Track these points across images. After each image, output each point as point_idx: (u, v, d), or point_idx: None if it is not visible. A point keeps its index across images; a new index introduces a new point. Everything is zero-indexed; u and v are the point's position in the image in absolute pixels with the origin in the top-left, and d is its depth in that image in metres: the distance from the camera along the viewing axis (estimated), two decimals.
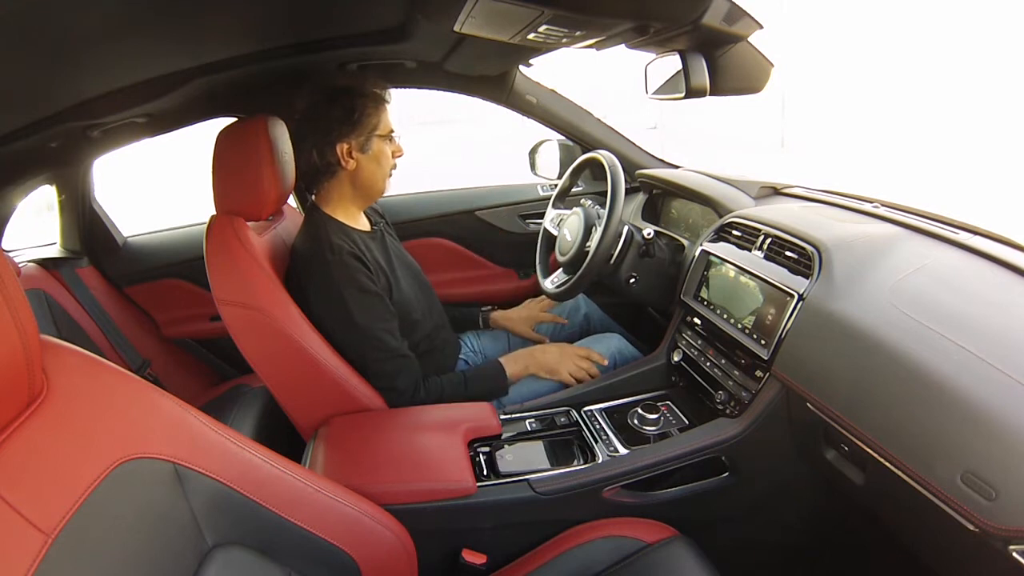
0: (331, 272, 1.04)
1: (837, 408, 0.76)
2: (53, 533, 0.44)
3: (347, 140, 1.11)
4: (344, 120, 1.11)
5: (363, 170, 1.15)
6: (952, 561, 0.70)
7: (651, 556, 0.83)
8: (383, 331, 1.07)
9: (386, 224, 1.33)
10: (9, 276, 0.45)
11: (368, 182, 1.16)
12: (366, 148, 1.13)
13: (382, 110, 1.14)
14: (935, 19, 6.77)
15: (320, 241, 1.07)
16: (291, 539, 0.65)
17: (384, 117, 1.15)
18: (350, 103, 1.11)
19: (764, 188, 1.29)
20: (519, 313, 1.45)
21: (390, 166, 1.18)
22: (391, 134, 1.16)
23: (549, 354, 1.21)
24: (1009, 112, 6.09)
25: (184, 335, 1.78)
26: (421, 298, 1.24)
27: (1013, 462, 0.56)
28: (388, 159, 1.17)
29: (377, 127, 1.13)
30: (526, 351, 1.24)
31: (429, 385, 1.12)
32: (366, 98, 1.12)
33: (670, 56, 0.93)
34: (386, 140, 1.15)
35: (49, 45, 0.70)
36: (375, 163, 1.15)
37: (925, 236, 0.91)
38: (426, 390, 1.11)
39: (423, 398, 1.09)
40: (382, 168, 1.16)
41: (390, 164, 1.17)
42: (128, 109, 1.19)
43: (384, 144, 1.15)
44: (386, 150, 1.16)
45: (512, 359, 1.21)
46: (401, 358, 1.09)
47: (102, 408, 0.54)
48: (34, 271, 1.55)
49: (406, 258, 1.30)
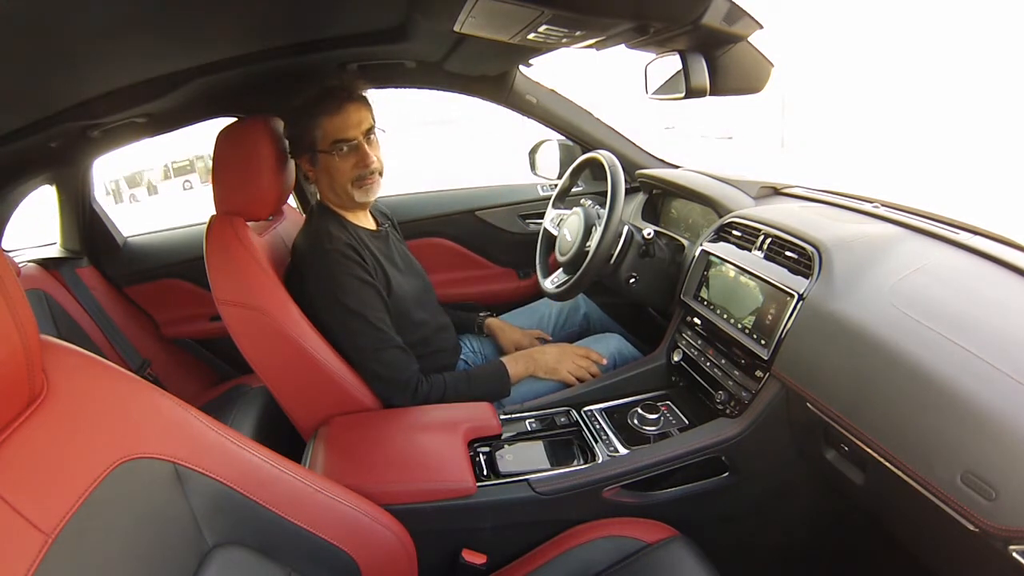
0: (327, 260, 1.05)
1: (837, 408, 0.76)
2: (53, 533, 0.44)
3: (297, 156, 1.11)
4: (290, 138, 1.11)
5: (322, 183, 1.13)
6: (952, 561, 0.70)
7: (651, 556, 0.83)
8: (378, 319, 1.06)
9: (392, 225, 1.32)
10: (9, 276, 0.45)
11: (329, 193, 1.14)
12: (315, 162, 1.11)
13: (323, 122, 1.06)
14: (935, 19, 6.76)
15: (319, 233, 1.08)
16: (291, 539, 0.65)
17: (326, 129, 1.06)
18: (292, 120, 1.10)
19: (764, 188, 1.29)
20: (512, 336, 1.39)
21: (347, 179, 1.09)
22: (337, 145, 1.07)
23: (549, 354, 1.21)
24: (1009, 112, 6.08)
25: (184, 335, 1.78)
26: (424, 300, 1.24)
27: (1013, 462, 0.56)
28: (341, 172, 1.09)
29: (315, 142, 1.08)
30: (526, 352, 1.24)
31: (433, 380, 1.11)
32: (302, 113, 1.08)
33: (670, 56, 0.93)
34: (330, 153, 1.08)
35: (49, 45, 0.70)
36: (327, 176, 1.11)
37: (925, 236, 0.91)
38: (429, 384, 1.10)
39: (426, 393, 1.08)
40: (337, 181, 1.10)
41: (346, 177, 1.09)
42: (128, 109, 1.19)
43: (330, 158, 1.08)
44: (335, 163, 1.08)
45: (513, 360, 1.20)
46: (399, 349, 1.08)
47: (102, 408, 0.54)
48: (34, 271, 1.55)
49: (411, 260, 1.30)
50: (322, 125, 1.07)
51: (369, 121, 1.10)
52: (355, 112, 1.08)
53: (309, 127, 1.08)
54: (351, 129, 1.07)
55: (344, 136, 1.07)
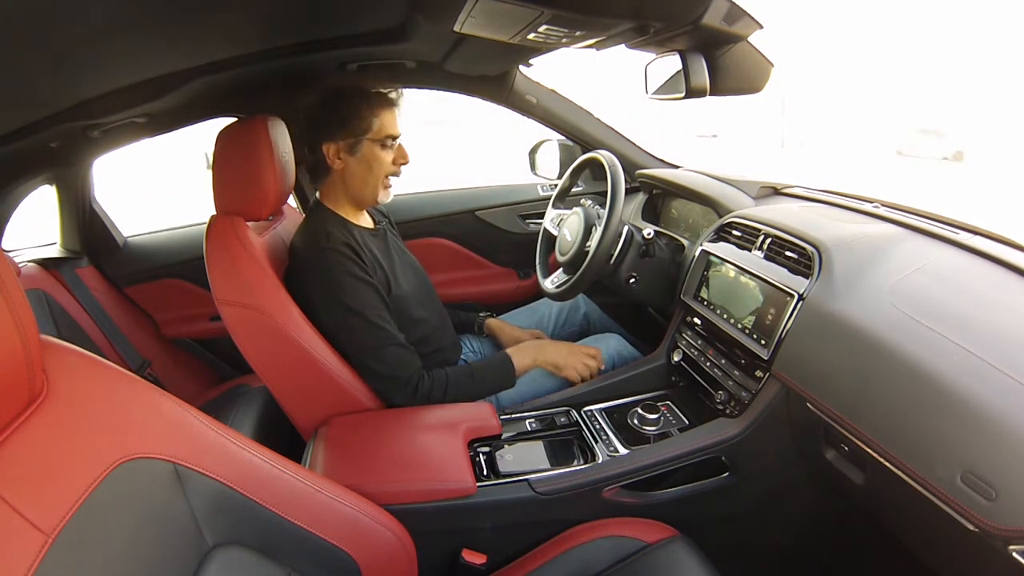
0: (325, 259, 1.04)
1: (837, 408, 0.76)
2: (53, 533, 0.44)
3: (334, 140, 1.10)
4: (331, 119, 1.09)
5: (351, 173, 1.12)
6: (952, 561, 0.70)
7: (651, 556, 0.83)
8: (378, 316, 1.06)
9: (390, 224, 1.32)
10: (9, 276, 0.45)
11: (356, 185, 1.13)
12: (355, 150, 1.10)
13: (381, 113, 1.10)
14: (935, 19, 6.77)
15: (316, 232, 1.08)
16: (291, 539, 0.64)
17: (383, 121, 1.10)
18: (342, 103, 1.09)
19: (764, 188, 1.30)
20: (513, 333, 1.39)
21: (385, 172, 1.13)
22: (388, 139, 1.11)
23: (558, 350, 1.20)
24: (1009, 112, 6.09)
25: (184, 335, 1.78)
26: (424, 299, 1.24)
27: (1013, 462, 0.56)
28: (382, 165, 1.12)
29: (370, 130, 1.10)
30: (534, 344, 1.22)
31: (435, 375, 1.09)
32: (361, 99, 1.09)
33: (670, 56, 0.93)
34: (380, 145, 1.11)
35: (49, 45, 0.70)
36: (365, 167, 1.11)
37: (925, 236, 0.91)
38: (431, 380, 1.08)
39: (428, 387, 1.08)
40: (373, 173, 1.12)
41: (385, 170, 1.13)
42: (128, 109, 1.19)
43: (377, 148, 1.11)
44: (380, 155, 1.11)
45: (520, 351, 1.19)
46: (400, 346, 1.07)
47: (102, 408, 0.54)
48: (34, 271, 1.55)
49: (409, 258, 1.30)
50: (382, 116, 1.11)
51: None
52: (399, 115, 1.15)
53: (366, 114, 1.09)
54: (398, 128, 1.14)
55: (396, 133, 1.13)
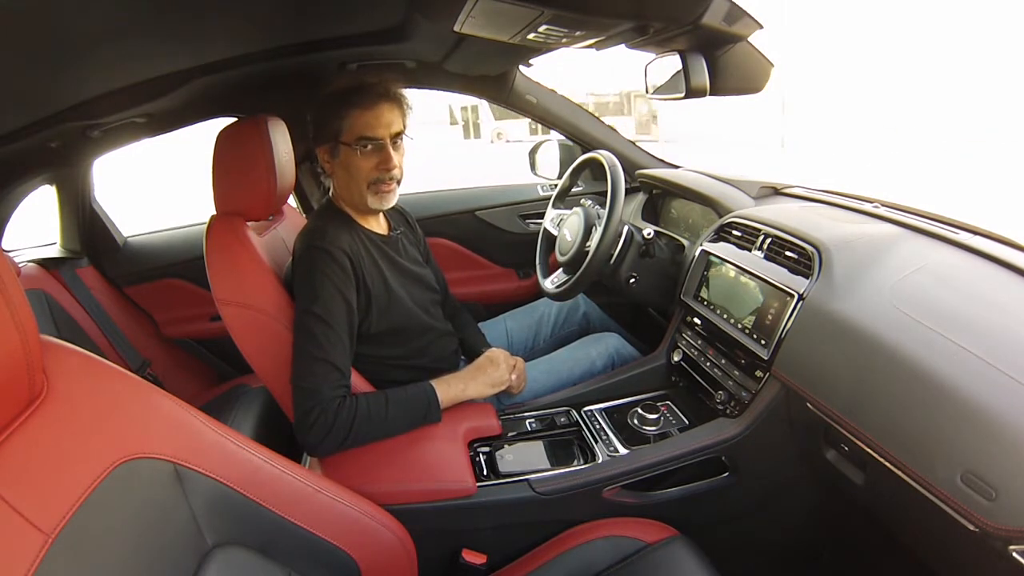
0: (310, 256, 0.99)
1: (837, 408, 0.76)
2: (53, 533, 0.44)
3: (319, 144, 1.06)
4: (314, 122, 1.05)
5: (337, 177, 1.07)
6: (952, 561, 0.70)
7: (651, 556, 0.83)
8: (333, 335, 0.95)
9: (406, 232, 1.24)
10: (9, 276, 0.45)
11: (344, 191, 1.08)
12: (335, 154, 1.04)
13: (350, 114, 1.00)
14: (935, 19, 6.77)
15: (315, 230, 1.04)
16: (291, 539, 0.65)
17: (353, 122, 1.00)
18: (326, 104, 1.03)
19: (764, 188, 1.30)
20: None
21: (364, 178, 1.03)
22: (361, 141, 1.01)
23: (488, 376, 1.08)
24: (1009, 112, 6.09)
25: (184, 335, 1.78)
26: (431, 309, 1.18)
27: (1013, 462, 0.56)
28: (360, 170, 1.03)
29: (340, 132, 1.01)
30: (474, 367, 1.09)
31: (349, 402, 0.93)
32: (333, 99, 1.02)
33: (670, 56, 0.93)
34: (352, 148, 1.01)
35: (49, 45, 0.70)
36: (345, 172, 1.04)
37: (925, 236, 0.91)
38: (348, 408, 0.92)
39: (344, 418, 0.91)
40: (353, 179, 1.04)
41: (364, 176, 1.03)
42: (128, 109, 1.19)
43: (352, 152, 1.02)
44: (354, 159, 1.02)
45: (449, 381, 1.03)
46: (334, 368, 0.94)
47: (102, 408, 0.54)
48: (34, 271, 1.55)
49: (421, 271, 1.20)
50: (351, 116, 1.01)
51: (399, 125, 1.04)
52: (387, 112, 1.02)
53: (337, 115, 1.01)
54: (380, 128, 1.01)
55: (371, 134, 1.01)
